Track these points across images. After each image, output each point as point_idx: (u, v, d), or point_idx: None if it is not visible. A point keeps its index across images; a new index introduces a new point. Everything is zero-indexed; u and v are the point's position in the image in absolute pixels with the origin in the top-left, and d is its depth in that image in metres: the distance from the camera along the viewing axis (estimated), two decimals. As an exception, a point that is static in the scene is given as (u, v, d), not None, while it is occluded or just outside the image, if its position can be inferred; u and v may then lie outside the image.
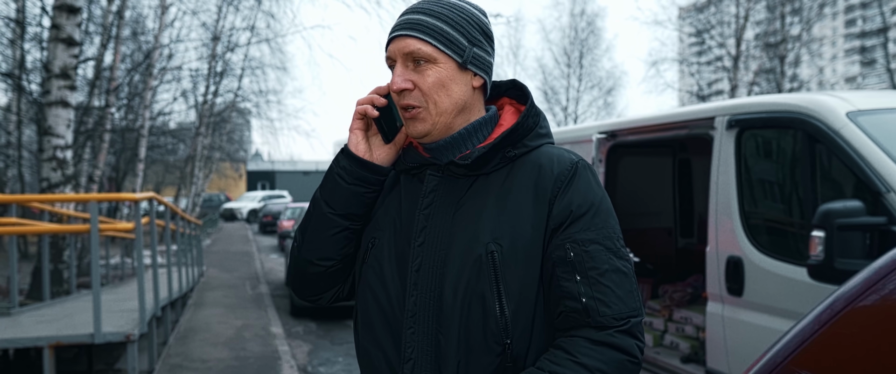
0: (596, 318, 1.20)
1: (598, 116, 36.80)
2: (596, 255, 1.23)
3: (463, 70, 1.29)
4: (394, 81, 1.27)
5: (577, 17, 36.54)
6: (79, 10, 6.95)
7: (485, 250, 1.24)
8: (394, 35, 1.28)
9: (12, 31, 13.14)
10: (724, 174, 3.81)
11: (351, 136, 1.36)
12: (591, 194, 1.28)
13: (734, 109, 3.84)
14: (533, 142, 1.33)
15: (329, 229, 1.36)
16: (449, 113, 1.29)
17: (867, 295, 1.00)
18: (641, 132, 4.80)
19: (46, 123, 7.04)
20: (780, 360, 1.09)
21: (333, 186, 1.35)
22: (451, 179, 1.32)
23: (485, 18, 1.34)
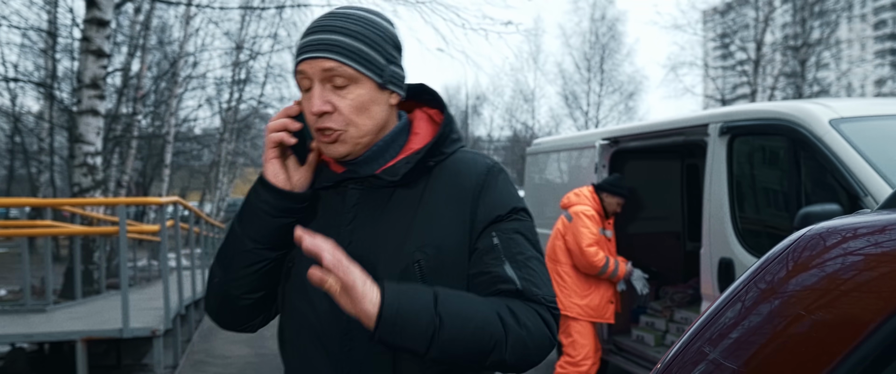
0: (528, 294, 1.24)
1: (620, 120, 36.71)
2: (520, 242, 1.27)
3: (382, 90, 1.27)
4: (313, 103, 1.22)
5: (598, 21, 36.55)
6: (108, 22, 7.29)
7: (411, 259, 1.24)
8: (309, 56, 1.22)
9: (45, 42, 13.63)
10: (717, 179, 3.99)
11: (268, 166, 1.30)
12: (510, 197, 1.31)
13: (726, 116, 4.01)
14: (448, 148, 1.33)
15: (256, 264, 1.31)
16: (370, 134, 1.27)
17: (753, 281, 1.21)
18: (642, 139, 4.99)
19: (77, 130, 7.38)
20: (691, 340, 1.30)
21: (257, 221, 1.29)
22: (371, 192, 1.30)
23: (394, 30, 1.32)
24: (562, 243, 4.47)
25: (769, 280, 1.19)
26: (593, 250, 4.30)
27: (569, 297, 4.41)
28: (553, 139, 6.42)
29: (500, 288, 1.23)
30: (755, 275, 1.23)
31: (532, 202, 6.48)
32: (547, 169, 6.24)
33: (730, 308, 1.28)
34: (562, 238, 4.47)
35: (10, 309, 6.05)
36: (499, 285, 1.24)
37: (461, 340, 1.16)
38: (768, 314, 1.16)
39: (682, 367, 1.34)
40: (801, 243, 1.19)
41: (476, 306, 1.19)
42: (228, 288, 1.34)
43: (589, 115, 36.86)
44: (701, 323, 1.37)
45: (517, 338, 1.19)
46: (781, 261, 1.19)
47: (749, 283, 1.28)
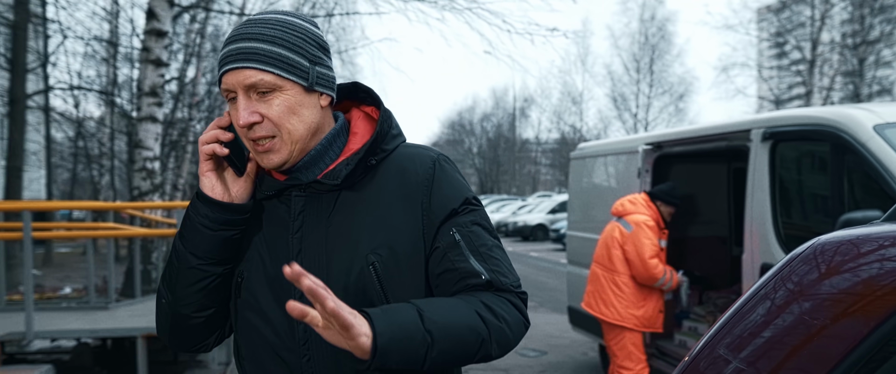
0: (498, 285, 1.25)
1: (669, 122, 36.19)
2: (479, 234, 1.28)
3: (310, 92, 1.23)
4: (240, 115, 1.18)
5: (647, 22, 36.09)
6: (166, 33, 7.62)
7: (365, 262, 1.22)
8: (229, 67, 1.19)
9: (106, 51, 14.23)
10: (759, 184, 3.98)
11: (204, 180, 1.26)
12: (460, 189, 1.30)
13: (769, 121, 4.01)
14: (389, 145, 1.30)
15: (203, 281, 1.27)
16: (304, 138, 1.23)
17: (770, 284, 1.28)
18: (685, 143, 5.00)
19: (137, 136, 7.72)
20: (709, 341, 1.37)
21: (198, 236, 1.26)
22: (316, 197, 1.27)
23: (317, 30, 1.27)
24: (620, 252, 4.36)
25: (797, 281, 1.25)
26: (654, 262, 4.22)
27: (627, 308, 4.32)
28: (597, 144, 6.45)
29: (470, 283, 1.24)
30: (781, 276, 1.30)
31: (576, 206, 6.52)
32: (592, 174, 6.27)
33: (760, 306, 1.34)
34: (620, 248, 4.36)
35: (75, 306, 6.39)
36: (468, 280, 1.24)
37: (451, 349, 1.17)
38: (800, 313, 1.22)
39: (709, 364, 1.41)
40: (828, 247, 1.25)
41: (458, 312, 1.19)
42: (177, 308, 1.30)
43: (638, 117, 36.41)
44: (726, 320, 1.43)
45: (499, 332, 1.21)
46: (810, 263, 1.24)
47: (776, 282, 1.34)
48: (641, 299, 4.34)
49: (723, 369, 1.34)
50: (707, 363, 1.44)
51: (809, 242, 1.33)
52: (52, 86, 11.35)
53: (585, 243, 5.97)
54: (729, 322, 1.43)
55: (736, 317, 1.43)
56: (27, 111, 9.72)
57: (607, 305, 4.35)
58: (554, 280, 12.50)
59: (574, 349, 7.01)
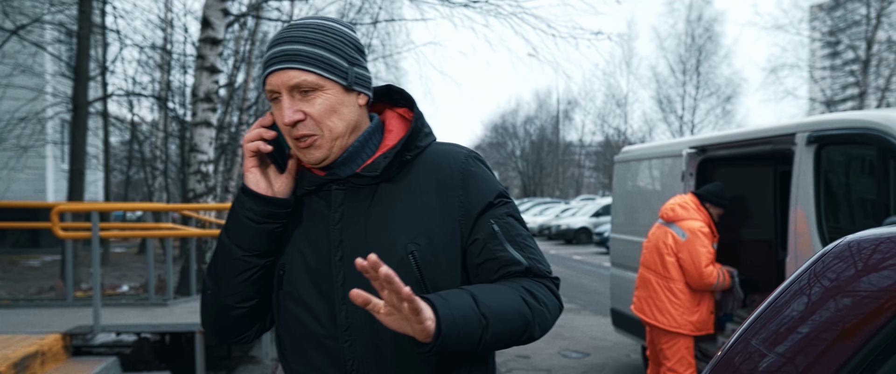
0: (535, 272, 1.34)
1: (716, 125, 35.60)
2: (514, 225, 1.36)
3: (348, 92, 1.30)
4: (284, 113, 1.26)
5: (694, 22, 35.58)
6: (220, 41, 7.91)
7: (404, 251, 1.29)
8: (274, 68, 1.27)
9: (161, 58, 14.74)
10: (804, 188, 4.00)
11: (248, 175, 1.34)
12: (493, 184, 1.38)
13: (814, 125, 4.02)
14: (422, 142, 1.37)
15: (246, 272, 1.34)
16: (344, 135, 1.30)
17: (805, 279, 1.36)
18: (729, 147, 5.01)
19: (192, 140, 8.03)
20: (743, 335, 1.46)
21: (242, 228, 1.33)
22: (355, 191, 1.34)
23: (354, 34, 1.35)
24: (674, 260, 4.32)
25: (833, 278, 1.32)
26: (710, 271, 4.20)
27: (682, 315, 4.31)
28: (641, 147, 6.48)
29: (510, 270, 1.32)
30: (814, 271, 1.37)
31: (620, 209, 6.57)
32: (636, 177, 6.31)
33: (795, 301, 1.41)
34: (674, 255, 4.32)
35: (136, 302, 6.70)
36: (508, 267, 1.32)
37: (503, 331, 1.24)
38: (836, 310, 1.28)
39: (745, 358, 1.49)
40: (865, 244, 1.31)
41: (506, 297, 1.27)
42: (221, 299, 1.37)
43: (684, 119, 35.90)
44: (760, 314, 1.51)
45: (541, 315, 1.30)
46: (847, 260, 1.29)
47: (810, 278, 1.41)
48: (695, 305, 4.33)
49: (758, 362, 1.42)
50: (742, 358, 1.52)
51: (842, 239, 1.40)
52: (112, 92, 11.83)
53: (629, 245, 6.01)
54: (763, 316, 1.51)
55: (770, 311, 1.51)
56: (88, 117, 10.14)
57: (663, 312, 4.36)
58: (597, 283, 12.48)
59: (617, 351, 7.04)
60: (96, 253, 5.28)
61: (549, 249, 21.51)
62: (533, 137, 55.63)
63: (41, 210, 15.47)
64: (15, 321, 5.42)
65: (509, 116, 59.65)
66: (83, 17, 8.85)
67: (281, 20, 11.31)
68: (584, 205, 27.16)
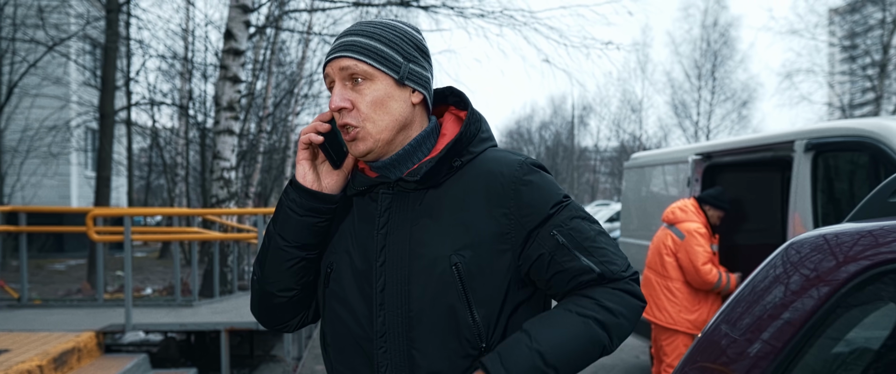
0: (610, 276, 1.27)
1: (732, 130, 35.48)
2: (580, 228, 1.29)
3: (401, 86, 1.28)
4: (332, 100, 1.27)
5: (709, 28, 35.49)
6: (243, 52, 8.21)
7: (448, 262, 1.25)
8: (331, 57, 1.29)
9: (182, 66, 15.11)
10: (802, 194, 4.17)
11: (298, 167, 1.34)
12: (552, 192, 1.31)
13: (811, 133, 4.20)
14: (477, 148, 1.33)
15: (286, 262, 1.35)
16: (389, 130, 1.28)
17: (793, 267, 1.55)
18: (733, 154, 5.20)
19: (216, 148, 8.32)
20: (714, 322, 1.67)
21: (285, 219, 1.34)
22: (402, 195, 1.31)
23: (419, 35, 1.34)
24: (673, 260, 4.52)
25: (813, 268, 1.47)
26: (708, 268, 4.37)
27: (679, 312, 4.48)
28: (649, 154, 6.67)
29: (582, 280, 1.27)
30: (793, 262, 1.55)
31: (630, 214, 6.76)
32: (644, 183, 6.50)
33: (793, 291, 1.57)
34: (673, 256, 4.52)
35: (163, 303, 6.98)
36: (580, 277, 1.27)
37: (575, 367, 1.24)
38: (819, 298, 1.44)
39: (730, 342, 1.69)
40: (842, 238, 1.47)
41: (575, 331, 1.23)
42: (264, 285, 1.39)
43: (699, 124, 35.82)
44: (738, 301, 1.70)
45: (618, 328, 1.26)
46: (855, 248, 1.40)
47: (787, 268, 1.59)
48: (695, 304, 4.49)
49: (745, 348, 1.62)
50: (727, 341, 1.72)
51: (804, 235, 1.59)
52: (137, 101, 12.19)
53: (639, 249, 6.19)
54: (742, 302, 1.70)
55: (749, 298, 1.69)
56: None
57: (661, 309, 4.56)
58: (610, 288, 12.63)
59: (626, 352, 7.21)
60: (129, 255, 5.56)
61: (564, 254, 21.59)
62: (548, 142, 55.75)
63: (66, 215, 15.93)
64: (50, 320, 5.71)
65: (524, 122, 59.87)
66: (110, 31, 9.18)
67: (299, 31, 11.61)
68: (599, 210, 27.21)
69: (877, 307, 1.24)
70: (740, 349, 1.49)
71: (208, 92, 14.75)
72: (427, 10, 8.67)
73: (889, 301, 1.22)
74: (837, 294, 1.26)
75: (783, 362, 1.36)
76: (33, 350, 4.58)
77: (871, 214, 1.44)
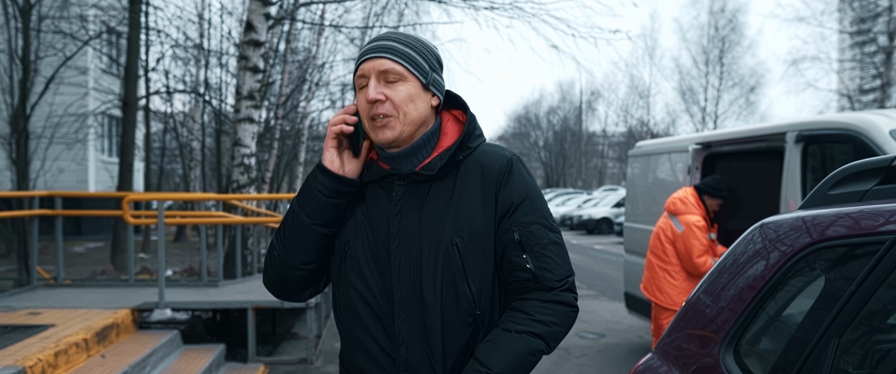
0: (543, 283, 1.48)
1: (740, 115, 35.57)
2: (537, 233, 1.50)
3: (425, 90, 1.51)
4: (369, 93, 1.45)
5: (717, 14, 35.54)
6: (263, 43, 8.52)
7: (451, 242, 1.47)
8: (369, 56, 1.48)
9: (197, 53, 15.43)
10: (793, 182, 4.48)
11: (326, 154, 1.53)
12: (526, 185, 1.53)
13: (801, 126, 4.50)
14: (473, 143, 1.54)
15: (311, 237, 1.54)
16: (414, 123, 1.49)
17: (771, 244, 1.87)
18: (731, 144, 5.51)
19: (236, 135, 8.66)
20: (695, 293, 2.00)
21: (313, 199, 1.52)
22: (413, 187, 1.52)
23: (437, 51, 1.57)
24: (671, 247, 4.86)
25: (790, 244, 1.73)
26: (702, 261, 4.68)
27: (678, 294, 4.80)
28: (653, 143, 6.97)
29: (519, 276, 1.49)
30: (770, 239, 1.85)
31: (634, 199, 7.08)
32: (647, 170, 6.81)
33: (755, 264, 1.85)
34: (671, 244, 4.86)
35: (190, 284, 7.36)
36: (517, 272, 1.49)
37: None
38: (765, 268, 1.72)
39: (714, 310, 2.01)
40: (820, 220, 1.69)
41: (511, 345, 1.45)
42: (287, 259, 1.56)
43: (707, 110, 35.94)
44: (721, 271, 2.01)
45: (552, 335, 1.49)
46: (801, 230, 1.67)
47: (767, 244, 1.85)
48: (693, 286, 4.80)
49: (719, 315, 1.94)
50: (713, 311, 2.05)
51: (757, 223, 1.90)
52: (157, 90, 12.53)
53: (641, 233, 6.52)
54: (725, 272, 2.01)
55: (732, 269, 1.98)
56: (135, 112, 10.80)
57: (661, 291, 4.89)
58: (614, 271, 12.96)
59: (631, 333, 7.55)
60: (162, 238, 5.93)
61: (571, 239, 21.97)
62: (556, 127, 55.88)
63: (85, 199, 16.34)
64: (87, 299, 6.09)
65: (532, 107, 60.00)
66: (133, 22, 9.49)
67: (314, 22, 11.89)
68: (606, 196, 27.52)
69: (812, 278, 1.57)
70: (716, 313, 1.82)
71: (223, 78, 15.07)
72: (440, 2, 8.94)
73: (821, 273, 1.54)
74: (784, 266, 1.59)
75: (744, 321, 1.69)
76: (77, 325, 4.94)
77: (815, 204, 1.75)
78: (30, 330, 4.71)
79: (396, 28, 14.40)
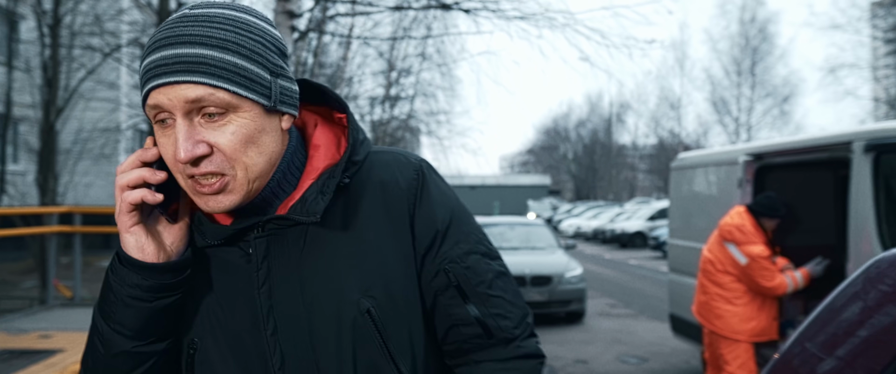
0: (499, 335, 1.05)
1: (773, 126, 34.95)
2: (476, 267, 1.05)
3: (271, 114, 0.95)
4: (180, 147, 0.88)
5: (747, 24, 35.09)
6: (289, 55, 8.32)
7: (358, 309, 0.98)
8: (165, 81, 0.88)
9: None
10: (862, 196, 4.08)
11: (128, 238, 0.95)
12: (446, 200, 1.07)
13: (870, 134, 4.10)
14: (359, 155, 1.03)
15: (141, 366, 1.00)
16: (265, 173, 0.96)
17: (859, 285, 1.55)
18: (786, 154, 5.11)
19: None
20: (798, 339, 1.65)
21: (128, 312, 0.96)
22: (278, 235, 1.00)
23: (275, 31, 1.00)
24: (728, 277, 4.43)
25: (891, 284, 1.47)
26: (776, 285, 4.29)
27: (740, 323, 4.38)
28: (697, 154, 6.59)
29: (465, 332, 1.06)
30: (868, 277, 1.55)
31: (677, 215, 6.68)
32: (692, 184, 6.42)
33: (851, 306, 1.57)
34: (733, 275, 4.42)
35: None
36: (461, 328, 1.06)
37: None
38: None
39: (803, 361, 1.67)
40: None
41: None
42: None
43: (740, 121, 35.34)
44: (816, 318, 1.68)
45: None
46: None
47: (865, 284, 1.57)
48: (755, 312, 4.40)
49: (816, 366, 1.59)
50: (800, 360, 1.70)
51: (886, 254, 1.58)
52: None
53: (687, 251, 6.12)
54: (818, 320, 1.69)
55: (826, 315, 1.68)
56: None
57: (718, 317, 4.46)
58: (652, 288, 12.49)
59: (676, 357, 7.13)
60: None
61: (604, 253, 21.48)
62: (585, 140, 55.43)
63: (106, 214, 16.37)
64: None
65: (561, 120, 59.66)
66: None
67: (342, 35, 11.72)
68: (639, 208, 26.97)
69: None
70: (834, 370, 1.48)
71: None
72: (468, 13, 8.67)
73: None
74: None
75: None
76: (93, 350, 4.73)
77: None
78: (37, 356, 4.48)
79: (425, 39, 14.15)
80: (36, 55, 11.59)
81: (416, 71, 18.15)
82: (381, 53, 16.04)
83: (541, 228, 10.82)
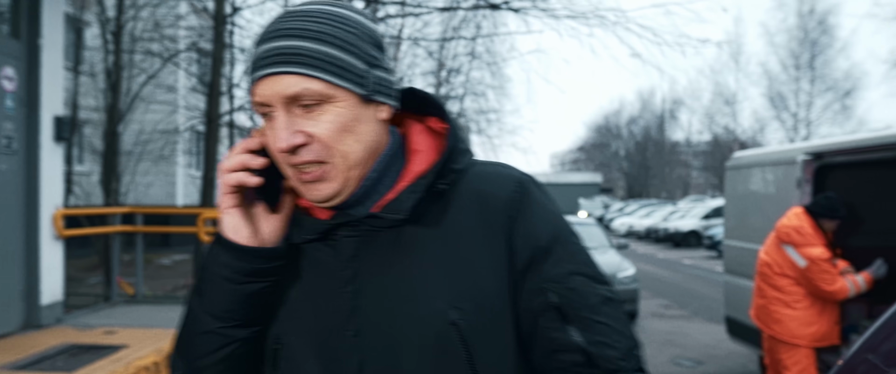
0: (603, 365, 0.97)
1: (834, 121, 33.81)
2: (580, 289, 0.99)
3: (367, 103, 0.97)
4: (279, 137, 0.93)
5: (806, 16, 34.00)
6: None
7: (444, 320, 0.95)
8: (264, 72, 0.93)
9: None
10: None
11: (226, 219, 0.99)
12: (550, 216, 1.02)
13: (940, 132, 3.93)
14: (459, 164, 1.02)
15: (224, 348, 1.01)
16: (363, 162, 0.98)
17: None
18: (848, 153, 4.93)
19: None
20: (861, 348, 1.61)
21: (220, 291, 0.99)
22: (370, 237, 1.00)
23: (373, 25, 1.00)
24: (787, 280, 4.32)
25: None
26: (838, 288, 4.17)
27: (799, 327, 4.28)
28: (754, 153, 6.43)
29: (564, 360, 0.98)
30: None
31: (733, 215, 6.53)
32: (748, 183, 6.27)
33: None
34: (792, 277, 4.31)
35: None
36: (560, 355, 0.98)
37: None
38: None
39: (866, 370, 1.63)
40: None
41: None
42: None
43: (798, 116, 34.28)
44: (881, 326, 1.63)
45: None
46: None
47: None
48: (815, 316, 4.28)
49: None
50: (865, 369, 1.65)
51: None
52: (242, 105, 12.73)
53: (743, 252, 5.98)
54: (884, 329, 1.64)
55: (892, 324, 1.62)
56: (218, 128, 11.01)
57: (777, 322, 4.35)
58: (707, 289, 12.23)
59: (732, 360, 6.98)
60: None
61: (657, 252, 21.13)
62: (637, 137, 54.58)
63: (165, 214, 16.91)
64: (163, 317, 6.06)
65: (612, 117, 58.88)
66: (217, 41, 9.67)
67: (392, 36, 11.82)
68: (693, 207, 26.45)
69: None
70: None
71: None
72: (517, 12, 8.65)
73: None
74: None
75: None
76: (149, 347, 4.87)
77: None
78: (103, 351, 4.67)
79: (473, 39, 14.15)
80: (100, 61, 12.05)
81: (466, 70, 18.17)
82: (430, 53, 16.10)
83: (592, 227, 10.73)
